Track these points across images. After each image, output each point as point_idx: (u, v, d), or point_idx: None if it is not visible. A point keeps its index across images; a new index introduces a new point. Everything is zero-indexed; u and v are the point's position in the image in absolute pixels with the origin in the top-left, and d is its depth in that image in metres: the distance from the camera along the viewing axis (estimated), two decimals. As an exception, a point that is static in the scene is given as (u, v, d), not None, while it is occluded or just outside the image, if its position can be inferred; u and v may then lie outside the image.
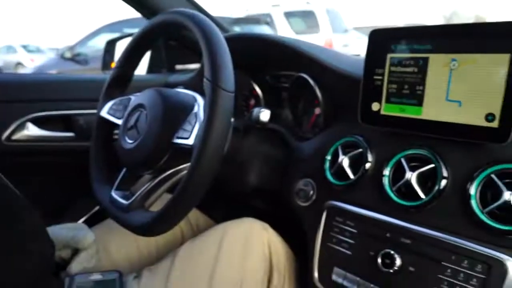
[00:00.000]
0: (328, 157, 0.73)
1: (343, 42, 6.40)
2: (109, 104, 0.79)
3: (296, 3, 6.81)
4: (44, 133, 1.06)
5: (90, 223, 0.81)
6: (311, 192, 0.75)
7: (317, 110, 0.89)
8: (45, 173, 1.11)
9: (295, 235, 0.78)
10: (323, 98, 0.81)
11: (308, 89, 0.84)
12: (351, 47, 6.29)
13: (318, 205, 0.73)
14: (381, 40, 0.65)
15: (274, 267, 0.76)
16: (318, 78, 0.81)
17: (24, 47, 12.23)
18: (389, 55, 0.64)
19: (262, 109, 0.72)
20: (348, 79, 0.76)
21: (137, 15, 1.15)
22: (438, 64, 0.58)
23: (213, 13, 1.18)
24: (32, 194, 0.69)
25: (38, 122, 1.05)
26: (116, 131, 0.78)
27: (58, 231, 0.71)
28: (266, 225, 0.80)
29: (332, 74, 0.79)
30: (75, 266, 0.70)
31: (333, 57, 0.83)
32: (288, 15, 6.63)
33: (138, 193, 0.67)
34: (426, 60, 0.60)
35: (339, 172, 0.71)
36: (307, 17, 6.58)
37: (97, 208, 1.08)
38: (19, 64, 10.47)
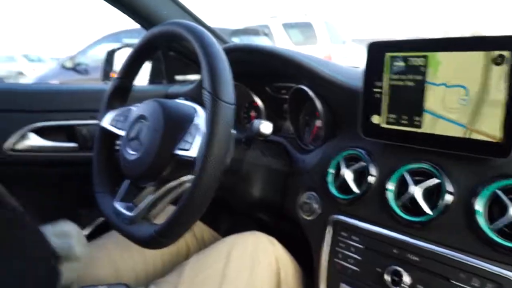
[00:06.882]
0: (331, 170, 0.73)
1: (342, 53, 6.44)
2: (110, 115, 0.80)
3: (294, 14, 6.88)
4: (47, 143, 1.06)
5: (94, 234, 0.80)
6: (315, 206, 0.75)
7: (318, 122, 0.89)
8: (48, 183, 1.11)
9: (301, 248, 0.78)
10: (323, 110, 0.81)
11: (309, 101, 0.84)
12: (350, 59, 6.33)
13: (323, 219, 0.73)
14: (380, 53, 0.65)
15: (282, 282, 0.75)
16: (317, 90, 0.82)
17: (26, 56, 12.27)
18: (388, 68, 0.64)
19: (262, 121, 0.72)
20: (348, 91, 0.76)
21: (137, 25, 1.16)
22: (437, 77, 0.59)
23: (212, 24, 1.19)
24: (34, 205, 0.68)
25: (40, 132, 1.05)
26: (117, 142, 0.78)
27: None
28: (273, 239, 0.79)
29: (331, 86, 0.79)
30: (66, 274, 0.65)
31: (332, 68, 0.83)
32: (287, 26, 6.69)
33: (142, 205, 0.67)
34: (424, 73, 0.60)
35: (343, 185, 0.71)
36: (305, 29, 6.64)
37: (101, 219, 1.08)
38: (20, 73, 10.47)
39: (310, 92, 0.82)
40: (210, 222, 0.96)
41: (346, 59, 6.21)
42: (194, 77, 1.33)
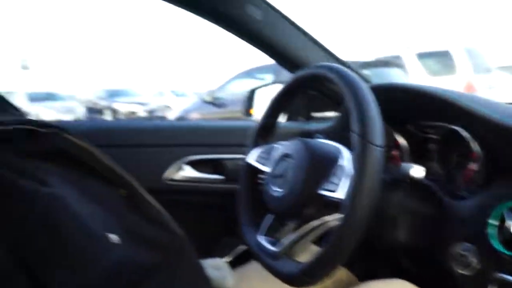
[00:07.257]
0: (493, 222, 0.66)
1: (487, 83, 5.79)
2: (256, 151, 0.85)
3: (429, 43, 6.49)
4: (199, 174, 1.18)
5: (234, 262, 0.85)
6: (473, 259, 0.67)
7: (473, 165, 0.81)
8: (196, 211, 1.23)
9: None
10: (482, 153, 0.74)
11: (461, 142, 0.78)
12: (496, 89, 5.66)
13: (483, 276, 0.65)
14: None
15: None
16: (473, 131, 0.75)
17: (173, 92, 14.17)
18: None
19: (413, 165, 0.70)
20: (510, 132, 0.69)
21: (267, 62, 1.23)
22: None
23: (341, 57, 1.21)
24: (187, 230, 0.76)
25: (193, 164, 1.17)
26: (260, 176, 0.83)
27: None
28: None
29: (490, 127, 0.73)
30: None
31: (488, 106, 0.76)
32: (421, 56, 6.32)
33: (286, 241, 0.69)
34: None
35: (508, 240, 0.63)
36: (442, 58, 6.19)
37: (240, 248, 1.14)
38: (167, 107, 12.05)
39: (465, 134, 0.76)
40: (347, 263, 0.93)
41: (492, 90, 5.57)
42: (330, 114, 1.35)
